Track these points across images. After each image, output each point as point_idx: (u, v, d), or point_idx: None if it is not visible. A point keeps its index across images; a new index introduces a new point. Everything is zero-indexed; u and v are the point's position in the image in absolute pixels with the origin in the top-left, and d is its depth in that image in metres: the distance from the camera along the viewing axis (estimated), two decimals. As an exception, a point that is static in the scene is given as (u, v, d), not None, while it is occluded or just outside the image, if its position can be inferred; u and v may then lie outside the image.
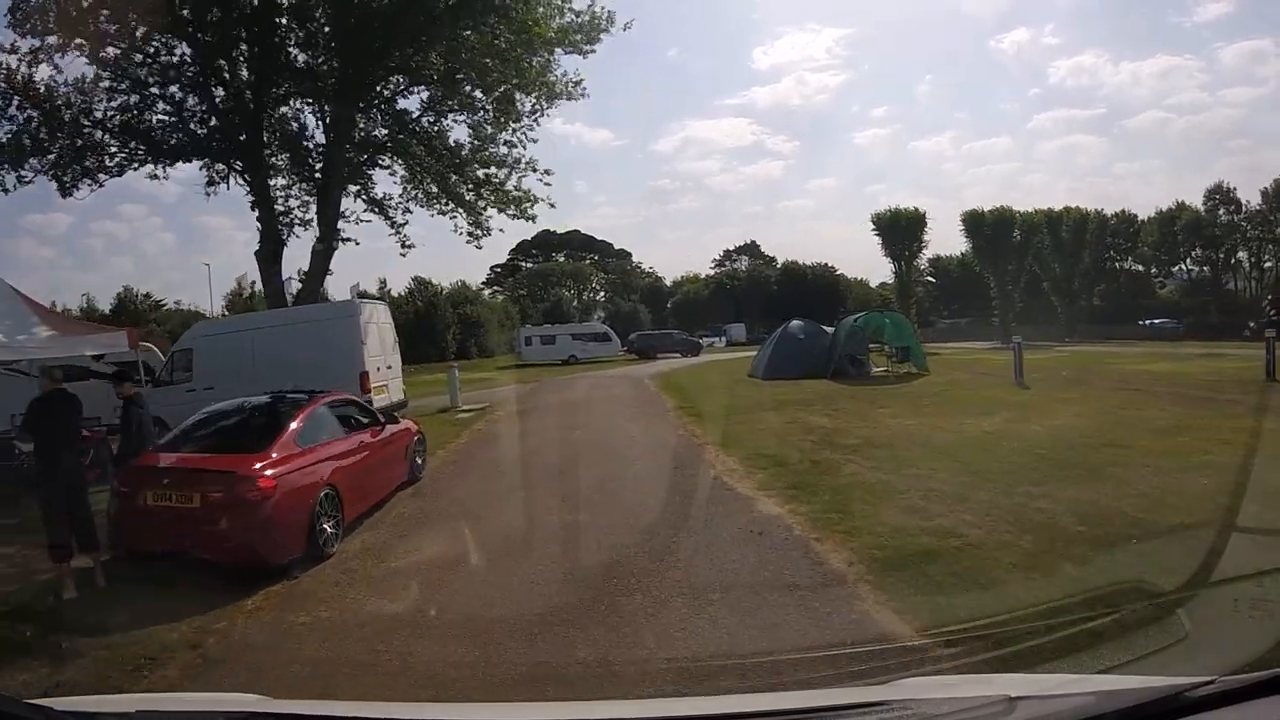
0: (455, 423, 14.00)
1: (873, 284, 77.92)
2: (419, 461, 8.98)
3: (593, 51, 15.00)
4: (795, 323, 21.26)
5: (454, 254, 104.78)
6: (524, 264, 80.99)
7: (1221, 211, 54.26)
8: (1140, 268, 60.52)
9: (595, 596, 4.76)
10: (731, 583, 4.89)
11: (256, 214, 14.72)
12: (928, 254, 50.56)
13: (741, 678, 3.59)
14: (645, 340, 43.53)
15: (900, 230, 44.19)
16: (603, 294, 76.25)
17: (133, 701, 2.20)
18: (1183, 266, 58.87)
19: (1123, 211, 58.11)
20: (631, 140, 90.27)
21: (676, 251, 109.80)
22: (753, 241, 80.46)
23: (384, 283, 46.82)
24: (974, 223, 49.87)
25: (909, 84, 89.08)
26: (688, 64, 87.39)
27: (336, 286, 41.32)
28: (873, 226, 44.52)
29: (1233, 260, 55.72)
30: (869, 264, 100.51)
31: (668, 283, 77.00)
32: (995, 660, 3.38)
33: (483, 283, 79.43)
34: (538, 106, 15.77)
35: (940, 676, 3.07)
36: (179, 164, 15.03)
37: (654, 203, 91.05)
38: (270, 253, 14.59)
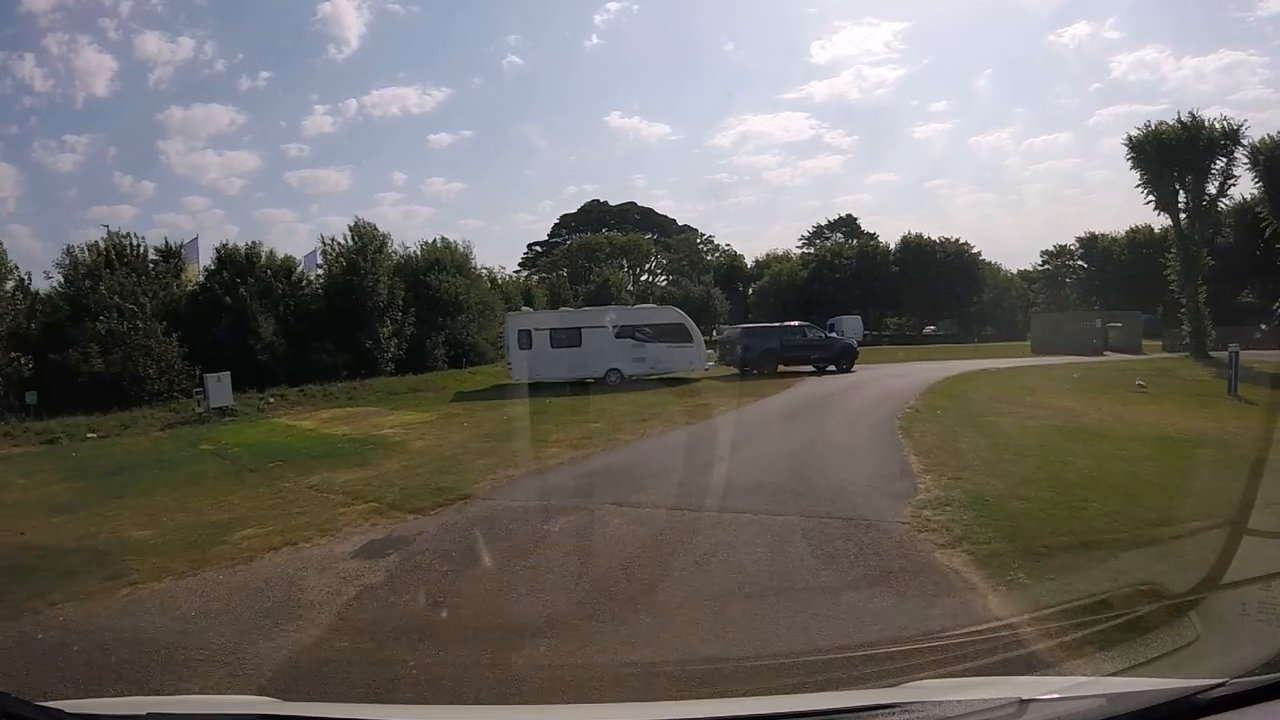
0: None
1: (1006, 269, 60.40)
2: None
3: None
4: None
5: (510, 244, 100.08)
6: (568, 241, 64.54)
7: None
8: None
9: None
10: None
11: None
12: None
13: None
14: (756, 340, 22.85)
15: (1192, 155, 25.46)
16: (665, 277, 59.30)
17: (143, 704, 2.16)
18: None
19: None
20: (689, 134, 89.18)
21: (734, 246, 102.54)
22: (849, 215, 63.12)
23: (326, 242, 27.64)
24: (1273, 159, 30.36)
25: (968, 78, 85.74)
26: (745, 58, 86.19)
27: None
28: (1129, 154, 26.32)
29: None
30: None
31: (749, 263, 59.42)
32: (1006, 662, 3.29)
33: (518, 265, 63.12)
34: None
35: (951, 679, 2.96)
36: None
37: (711, 196, 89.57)
38: None
